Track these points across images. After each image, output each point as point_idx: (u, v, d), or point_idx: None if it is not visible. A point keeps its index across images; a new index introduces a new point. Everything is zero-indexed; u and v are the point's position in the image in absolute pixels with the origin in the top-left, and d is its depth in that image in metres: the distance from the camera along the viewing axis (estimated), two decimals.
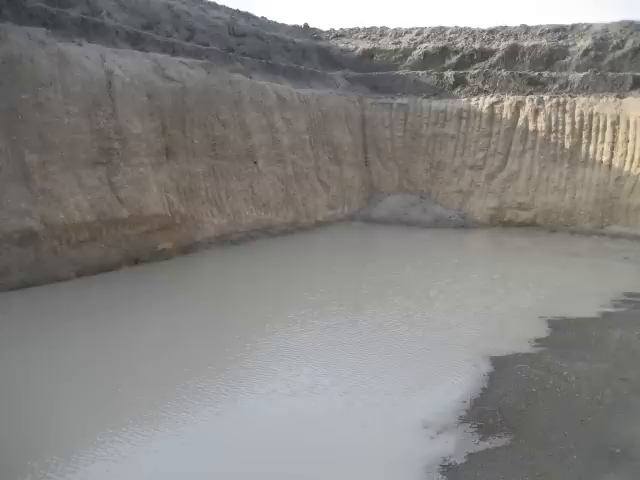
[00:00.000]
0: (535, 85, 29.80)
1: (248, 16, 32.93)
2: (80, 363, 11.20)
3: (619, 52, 29.43)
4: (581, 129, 27.54)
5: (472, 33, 33.77)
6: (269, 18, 34.86)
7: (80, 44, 18.73)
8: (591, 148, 27.25)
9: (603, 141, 26.98)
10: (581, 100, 27.80)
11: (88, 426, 8.88)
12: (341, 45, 35.82)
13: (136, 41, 21.91)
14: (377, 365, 11.52)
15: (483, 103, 29.75)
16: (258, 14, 34.05)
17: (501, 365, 11.48)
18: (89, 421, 9.04)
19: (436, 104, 30.89)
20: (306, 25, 37.44)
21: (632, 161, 26.11)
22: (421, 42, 34.31)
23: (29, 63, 16.38)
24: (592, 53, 29.90)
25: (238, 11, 32.53)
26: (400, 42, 34.79)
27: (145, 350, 12.19)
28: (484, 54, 32.44)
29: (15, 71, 16.04)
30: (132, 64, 19.85)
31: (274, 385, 10.57)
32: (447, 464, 7.99)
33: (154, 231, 19.07)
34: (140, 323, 13.69)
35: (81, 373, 10.79)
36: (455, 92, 31.30)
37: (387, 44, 35.02)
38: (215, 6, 31.15)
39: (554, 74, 29.89)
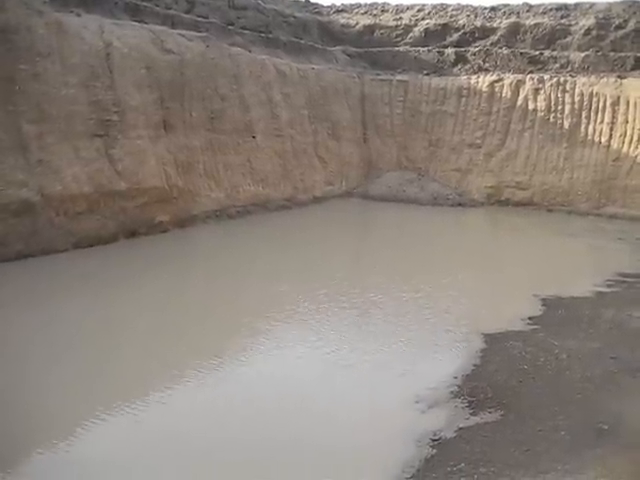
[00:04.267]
0: (536, 64, 29.69)
1: None
2: (76, 332, 11.29)
3: (621, 32, 29.24)
4: (581, 109, 27.48)
5: (474, 10, 33.49)
6: None
7: (79, 15, 18.57)
8: (590, 128, 27.22)
9: (602, 122, 26.95)
10: (581, 80, 27.71)
11: (86, 389, 9.02)
12: (342, 20, 35.52)
13: (135, 13, 21.70)
14: (370, 341, 11.61)
15: (483, 81, 29.64)
16: None
17: (493, 342, 11.59)
18: (89, 384, 9.17)
19: (436, 81, 30.78)
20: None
21: (630, 142, 26.11)
22: (422, 19, 34.03)
23: (27, 33, 16.24)
24: (594, 32, 29.69)
25: None
26: (401, 18, 34.50)
27: (140, 319, 12.34)
28: (485, 32, 32.21)
29: (12, 41, 15.89)
30: (131, 36, 19.71)
31: (266, 361, 10.75)
32: (437, 438, 8.10)
33: (151, 204, 19.06)
34: (136, 294, 13.80)
35: (77, 341, 10.88)
36: (455, 70, 31.16)
37: (388, 20, 34.72)
38: None
39: (555, 53, 29.76)
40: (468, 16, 33.24)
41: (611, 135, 26.70)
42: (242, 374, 10.17)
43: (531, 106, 28.38)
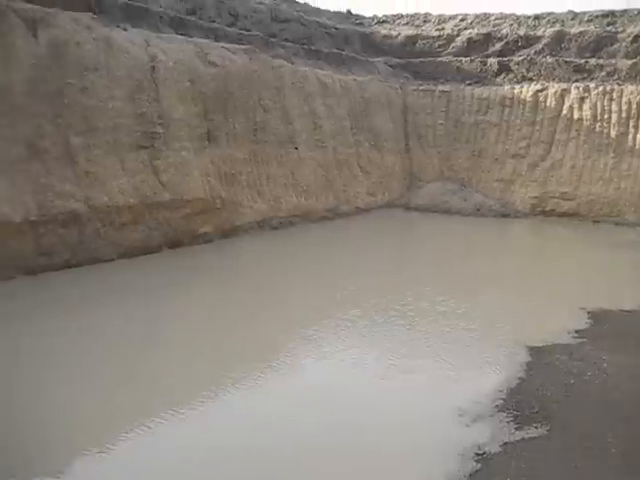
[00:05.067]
0: (581, 72, 29.20)
1: (291, 2, 32.83)
2: (122, 339, 11.44)
3: None
4: (628, 118, 26.94)
5: (517, 19, 33.15)
6: (311, 4, 34.76)
7: (125, 29, 18.98)
8: (638, 137, 26.64)
9: None
10: (629, 88, 27.17)
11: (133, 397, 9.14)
12: (383, 31, 35.50)
13: (180, 26, 22.07)
14: (414, 352, 11.52)
15: (527, 91, 29.30)
16: (301, 0, 33.95)
17: (539, 355, 11.36)
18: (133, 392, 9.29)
19: (479, 91, 30.54)
20: (349, 11, 37.20)
21: None
22: (465, 28, 33.82)
23: (75, 48, 16.66)
24: None
25: None
26: (443, 28, 34.35)
27: (186, 326, 12.49)
28: (529, 41, 31.83)
29: (62, 55, 16.33)
30: (175, 49, 20.03)
31: (312, 368, 10.79)
32: (482, 452, 7.96)
33: (195, 215, 19.28)
34: (182, 302, 14.08)
35: (122, 348, 11.03)
36: (498, 79, 30.87)
37: (430, 30, 34.60)
38: None
39: (601, 61, 29.21)
40: (511, 25, 32.92)
41: None
42: (290, 381, 10.26)
43: (576, 115, 27.93)
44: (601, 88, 27.58)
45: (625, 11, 30.83)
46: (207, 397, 9.38)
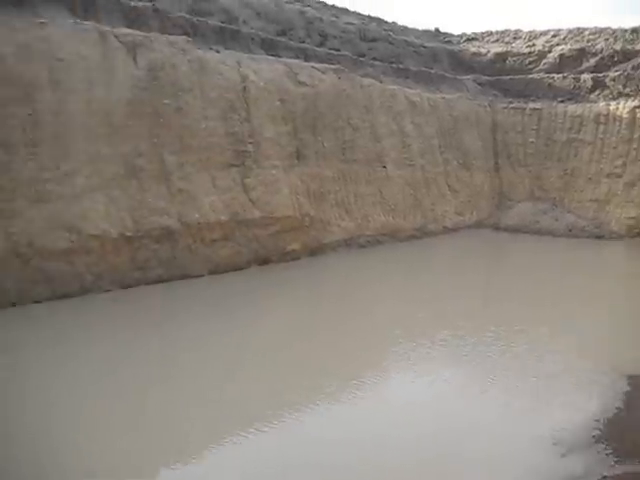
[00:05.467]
0: None
1: (379, 21, 32.96)
2: (210, 353, 11.63)
3: None
4: None
5: (613, 33, 32.02)
6: (400, 23, 34.78)
7: (218, 51, 19.52)
8: None
9: None
10: None
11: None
12: (472, 49, 35.11)
13: (270, 47, 22.50)
14: (509, 375, 11.25)
15: (623, 107, 28.21)
16: (389, 19, 34.06)
17: (638, 385, 10.81)
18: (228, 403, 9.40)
19: (572, 109, 29.64)
20: (437, 29, 37.03)
21: None
22: (557, 44, 32.99)
23: (171, 70, 17.27)
24: None
25: (369, 16, 32.65)
26: (534, 45, 33.63)
27: (273, 341, 12.63)
28: (626, 55, 30.66)
29: (159, 78, 16.94)
30: (266, 69, 20.43)
31: (406, 384, 10.81)
32: None
33: (284, 232, 19.49)
34: (270, 317, 14.34)
35: (210, 364, 11.20)
36: (593, 96, 29.88)
37: (520, 47, 33.95)
38: (347, 12, 31.41)
39: None
40: (607, 40, 31.85)
41: None
42: (384, 398, 10.23)
43: None
44: None
45: None
46: (301, 412, 9.41)
